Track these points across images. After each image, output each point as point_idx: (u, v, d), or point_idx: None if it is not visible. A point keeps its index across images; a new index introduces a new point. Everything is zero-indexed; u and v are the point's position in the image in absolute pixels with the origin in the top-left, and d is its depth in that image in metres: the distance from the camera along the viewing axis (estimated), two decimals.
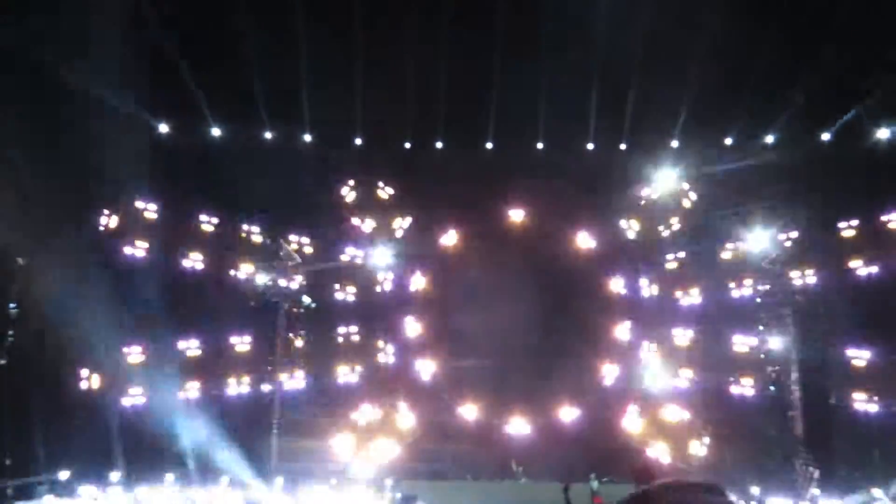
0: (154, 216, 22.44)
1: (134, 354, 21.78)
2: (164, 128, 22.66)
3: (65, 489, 19.93)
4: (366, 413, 22.73)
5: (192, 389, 22.06)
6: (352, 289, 24.10)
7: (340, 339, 23.86)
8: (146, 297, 20.96)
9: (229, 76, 21.06)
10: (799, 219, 22.15)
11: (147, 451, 21.29)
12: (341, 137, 23.24)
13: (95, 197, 21.59)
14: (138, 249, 21.92)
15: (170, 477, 20.77)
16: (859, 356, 20.90)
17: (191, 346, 22.44)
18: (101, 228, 21.71)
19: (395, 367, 23.56)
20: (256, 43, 20.04)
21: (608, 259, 23.72)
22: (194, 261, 22.65)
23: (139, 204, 22.28)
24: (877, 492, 18.77)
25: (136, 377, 21.61)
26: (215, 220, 23.01)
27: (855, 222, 21.78)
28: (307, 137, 23.22)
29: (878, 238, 21.51)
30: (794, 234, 22.26)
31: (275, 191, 22.43)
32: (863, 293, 21.05)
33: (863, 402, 20.47)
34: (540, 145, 23.09)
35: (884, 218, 21.49)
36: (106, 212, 21.80)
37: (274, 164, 22.42)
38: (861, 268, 21.45)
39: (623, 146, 22.93)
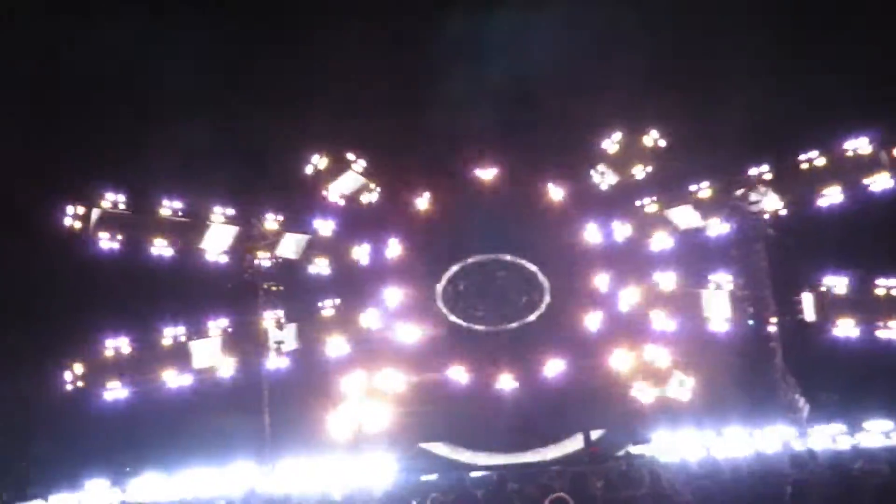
0: (122, 207, 21.66)
1: (111, 348, 21.36)
2: None
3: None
4: (356, 381, 22.63)
5: (183, 377, 21.79)
6: (328, 261, 23.91)
7: (322, 312, 23.67)
8: (121, 289, 20.52)
9: None
10: (764, 153, 22.47)
11: (135, 447, 21.07)
12: (305, 109, 22.70)
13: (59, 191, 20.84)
14: (113, 242, 21.25)
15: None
16: (837, 283, 21.56)
17: (166, 336, 22.05)
18: (68, 223, 20.91)
19: (380, 334, 23.47)
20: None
21: (582, 209, 23.82)
22: (161, 248, 21.99)
23: (109, 196, 21.53)
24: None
25: (119, 370, 21.20)
26: (179, 205, 22.37)
27: (815, 153, 22.12)
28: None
29: (840, 167, 21.94)
30: (762, 169, 22.54)
31: (240, 167, 22.02)
32: (831, 222, 21.57)
33: (843, 328, 21.18)
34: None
35: (845, 147, 21.86)
36: (72, 208, 20.98)
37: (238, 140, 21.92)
38: (826, 197, 21.89)
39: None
